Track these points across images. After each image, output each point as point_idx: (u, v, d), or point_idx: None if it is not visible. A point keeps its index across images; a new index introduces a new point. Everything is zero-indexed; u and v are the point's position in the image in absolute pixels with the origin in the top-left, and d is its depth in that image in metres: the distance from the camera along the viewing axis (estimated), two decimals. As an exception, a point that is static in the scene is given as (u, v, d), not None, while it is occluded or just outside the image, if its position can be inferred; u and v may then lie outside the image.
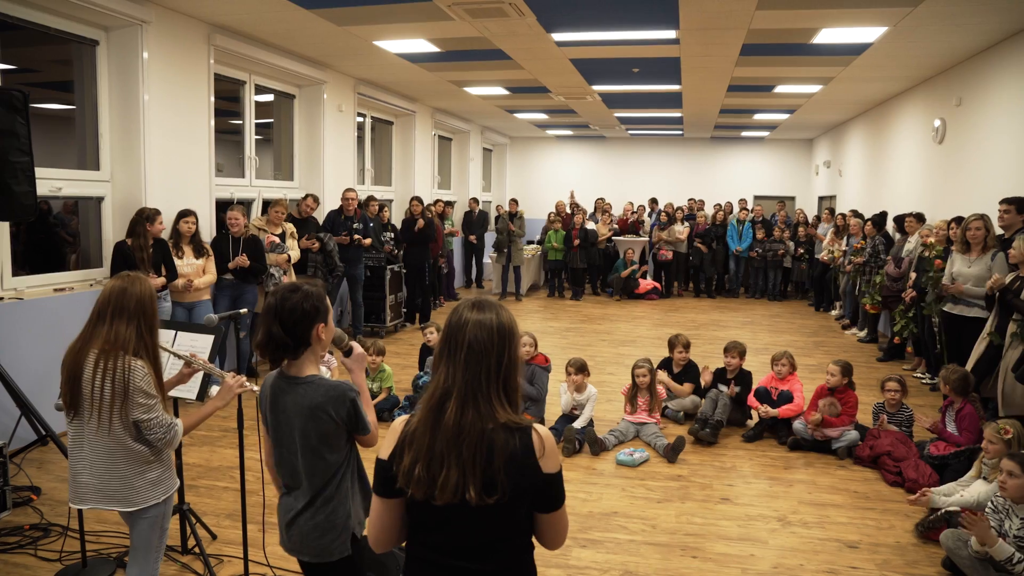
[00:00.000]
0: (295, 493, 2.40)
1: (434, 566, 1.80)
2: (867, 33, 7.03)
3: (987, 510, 3.67)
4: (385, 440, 1.83)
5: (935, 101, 9.01)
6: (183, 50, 6.75)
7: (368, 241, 9.07)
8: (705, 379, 6.26)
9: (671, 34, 7.20)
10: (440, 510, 1.72)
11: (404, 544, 1.89)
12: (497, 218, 13.55)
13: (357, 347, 2.60)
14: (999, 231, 6.08)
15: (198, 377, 3.43)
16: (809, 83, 9.88)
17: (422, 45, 7.91)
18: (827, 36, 7.14)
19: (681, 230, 13.65)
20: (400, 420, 1.83)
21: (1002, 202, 5.93)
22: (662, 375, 6.29)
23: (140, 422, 2.66)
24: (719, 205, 14.56)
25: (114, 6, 5.82)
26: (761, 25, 6.75)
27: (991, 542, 3.30)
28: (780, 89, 10.41)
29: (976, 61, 7.76)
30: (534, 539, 1.87)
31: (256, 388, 3.02)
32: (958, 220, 6.89)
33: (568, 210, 14.03)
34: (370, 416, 2.42)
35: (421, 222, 10.18)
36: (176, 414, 3.06)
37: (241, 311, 3.53)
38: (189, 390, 3.46)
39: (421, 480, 1.70)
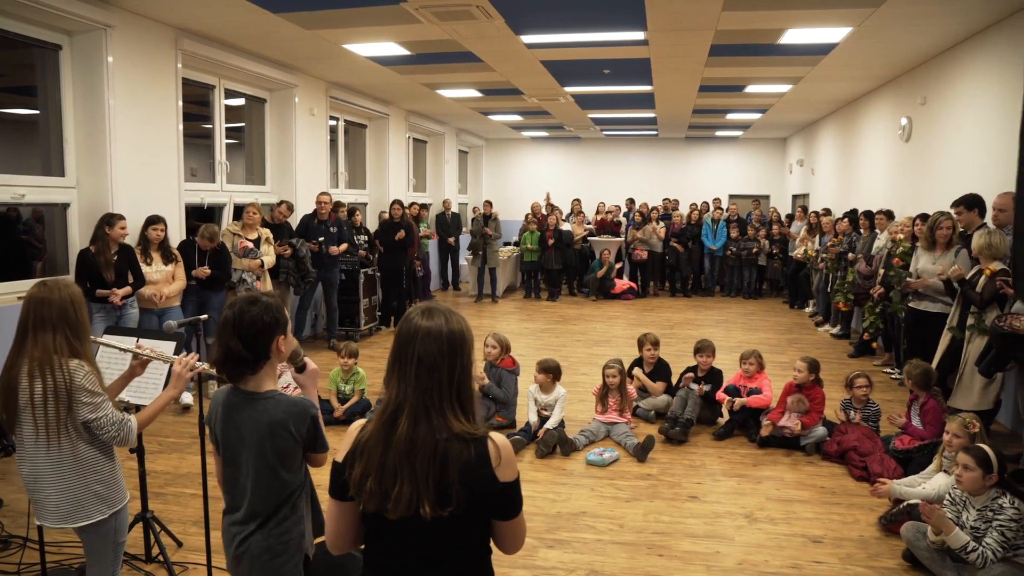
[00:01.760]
0: (243, 514, 2.30)
1: (391, 573, 1.79)
2: (832, 33, 7.11)
3: (945, 502, 3.73)
4: (342, 442, 1.81)
5: (902, 100, 9.13)
6: (149, 54, 6.70)
7: (340, 248, 9.01)
8: (685, 381, 6.11)
9: (639, 35, 7.24)
10: (394, 522, 1.71)
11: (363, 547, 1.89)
12: (473, 220, 13.55)
13: (311, 363, 2.56)
14: (962, 230, 6.17)
15: (155, 382, 3.41)
16: (779, 83, 9.97)
17: (392, 48, 7.90)
18: (793, 36, 7.21)
19: (659, 229, 13.71)
20: (356, 424, 1.81)
21: (953, 205, 6.01)
22: (637, 372, 6.32)
23: (89, 423, 2.63)
24: (695, 205, 14.64)
25: (76, 11, 5.76)
26: (728, 26, 6.81)
27: (948, 530, 3.35)
28: (751, 89, 10.50)
29: (939, 61, 7.86)
30: (492, 543, 1.87)
31: (207, 367, 2.92)
32: (923, 217, 6.99)
33: (544, 211, 14.06)
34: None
35: (402, 233, 10.18)
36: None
37: (201, 317, 3.51)
38: (148, 397, 3.44)
39: (373, 494, 1.69)
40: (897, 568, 3.84)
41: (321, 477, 2.02)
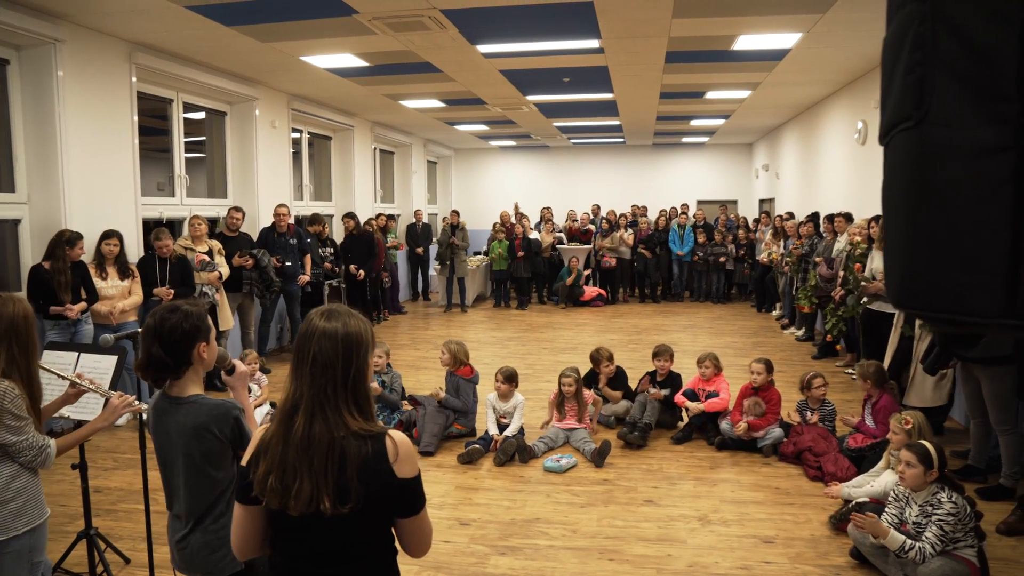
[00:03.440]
0: (180, 512, 2.41)
1: (294, 574, 1.82)
2: (784, 39, 7.19)
3: (889, 499, 3.78)
4: (249, 446, 1.85)
5: (857, 104, 9.27)
6: (102, 68, 6.65)
7: (305, 278, 9.05)
8: (643, 386, 6.17)
9: (594, 43, 7.29)
10: (297, 519, 1.74)
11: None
12: (441, 231, 13.55)
13: (240, 365, 2.60)
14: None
15: (98, 399, 3.37)
16: (738, 88, 10.07)
17: (350, 60, 7.89)
18: (746, 42, 7.28)
19: (627, 236, 13.78)
20: (261, 428, 1.85)
21: None
22: (605, 390, 6.29)
23: (8, 445, 2.61)
24: (664, 211, 14.74)
25: (24, 25, 5.70)
26: (681, 33, 6.88)
27: (883, 534, 3.39)
28: (711, 95, 10.59)
29: (891, 64, 7.98)
30: (398, 546, 1.88)
31: (144, 407, 3.01)
32: (878, 219, 7.09)
33: (513, 220, 14.10)
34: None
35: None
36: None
37: (139, 330, 3.47)
38: (90, 413, 3.39)
39: (275, 490, 1.72)
40: (845, 565, 3.88)
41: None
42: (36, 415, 2.73)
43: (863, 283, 6.68)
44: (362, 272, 10.57)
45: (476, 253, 15.08)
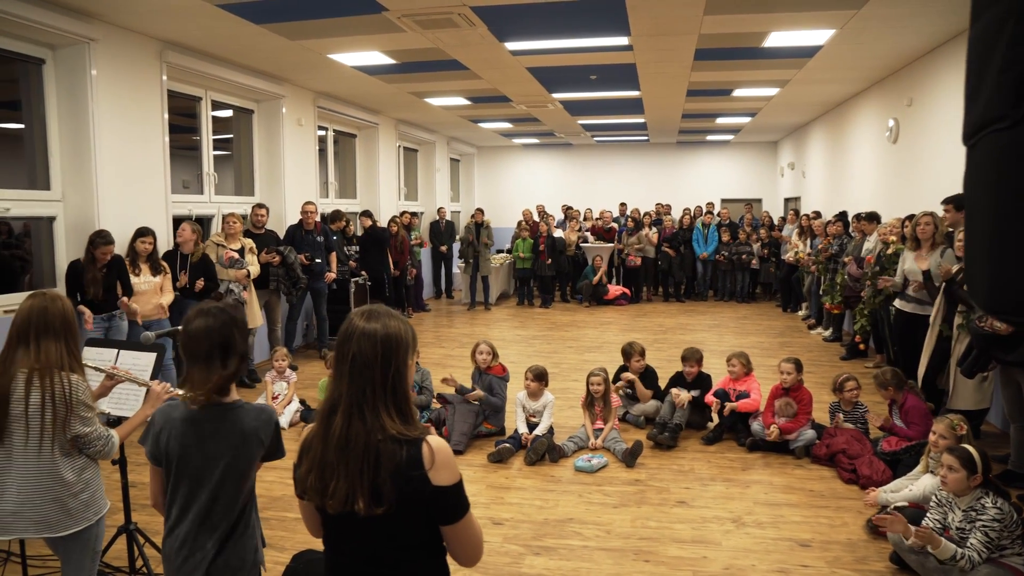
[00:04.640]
0: (196, 533, 2.21)
1: (343, 569, 1.85)
2: (816, 36, 7.12)
3: (931, 504, 3.72)
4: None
5: (888, 102, 9.15)
6: (134, 67, 6.70)
7: (331, 276, 9.05)
8: (681, 401, 5.89)
9: (623, 40, 7.25)
10: (338, 518, 1.77)
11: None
12: (465, 228, 13.55)
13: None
14: (949, 229, 6.17)
15: (136, 395, 3.40)
16: (766, 86, 9.99)
17: (377, 57, 7.90)
18: (777, 39, 7.22)
19: (652, 235, 13.70)
20: (307, 428, 1.86)
21: (944, 202, 6.05)
22: (631, 376, 6.25)
23: (80, 436, 2.68)
24: (688, 209, 14.64)
25: (59, 25, 5.76)
26: (711, 30, 6.82)
27: (937, 546, 3.33)
28: (739, 92, 10.51)
29: (924, 62, 7.88)
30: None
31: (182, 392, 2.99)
32: (911, 218, 6.99)
33: (536, 218, 14.07)
34: None
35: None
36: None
37: (179, 328, 3.49)
38: (129, 409, 3.42)
39: (315, 489, 1.75)
40: (884, 571, 3.82)
41: (262, 488, 2.02)
42: None
43: (879, 276, 6.66)
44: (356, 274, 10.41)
45: (499, 251, 15.07)
